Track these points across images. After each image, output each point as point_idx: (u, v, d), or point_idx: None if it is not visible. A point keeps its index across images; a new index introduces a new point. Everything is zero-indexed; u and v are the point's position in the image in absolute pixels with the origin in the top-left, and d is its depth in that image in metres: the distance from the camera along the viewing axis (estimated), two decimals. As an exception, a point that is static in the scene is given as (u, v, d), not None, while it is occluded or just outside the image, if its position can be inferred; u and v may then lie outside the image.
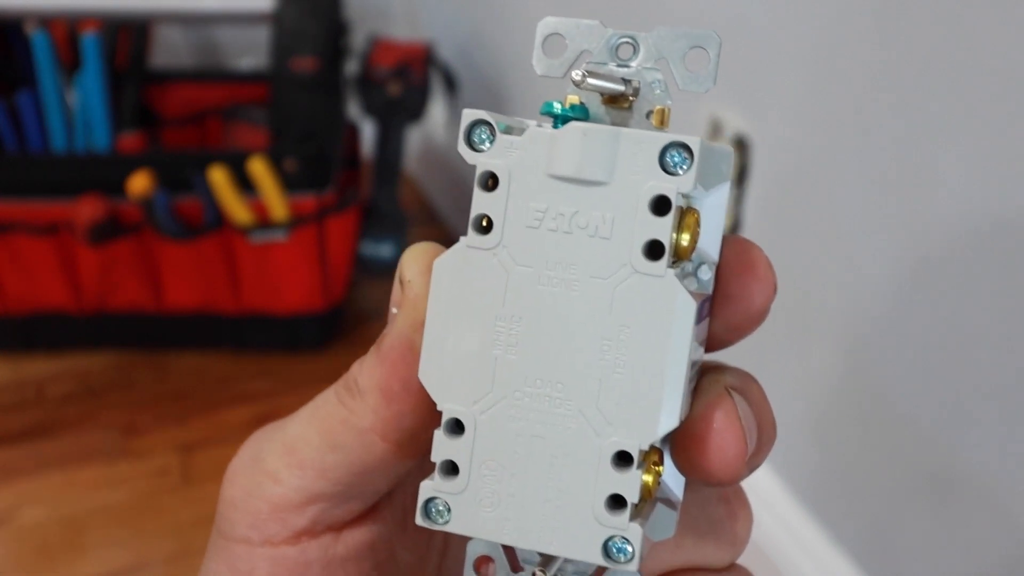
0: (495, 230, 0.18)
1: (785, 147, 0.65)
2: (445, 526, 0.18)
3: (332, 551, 0.21)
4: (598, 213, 0.18)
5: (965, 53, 0.50)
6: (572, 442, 0.18)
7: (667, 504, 0.21)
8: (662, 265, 0.17)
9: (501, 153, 0.18)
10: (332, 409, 0.20)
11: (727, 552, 0.21)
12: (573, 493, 0.18)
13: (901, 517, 0.59)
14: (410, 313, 0.19)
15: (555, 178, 0.18)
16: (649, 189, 0.17)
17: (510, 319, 0.18)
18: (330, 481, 0.20)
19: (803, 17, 0.61)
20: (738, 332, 0.20)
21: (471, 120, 0.18)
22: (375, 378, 0.19)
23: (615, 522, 0.18)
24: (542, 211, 0.18)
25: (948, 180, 0.52)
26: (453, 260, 0.18)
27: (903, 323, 0.57)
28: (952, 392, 0.54)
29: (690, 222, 0.18)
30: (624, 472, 0.18)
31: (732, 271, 0.20)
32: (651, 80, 0.19)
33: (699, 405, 0.19)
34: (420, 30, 1.35)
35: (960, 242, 0.52)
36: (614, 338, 0.18)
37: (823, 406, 0.65)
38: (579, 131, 0.18)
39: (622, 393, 0.18)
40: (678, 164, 0.17)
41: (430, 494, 0.18)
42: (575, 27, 0.19)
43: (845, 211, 0.60)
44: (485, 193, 0.18)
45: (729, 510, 0.21)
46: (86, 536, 0.81)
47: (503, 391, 0.18)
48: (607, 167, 0.18)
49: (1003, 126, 0.48)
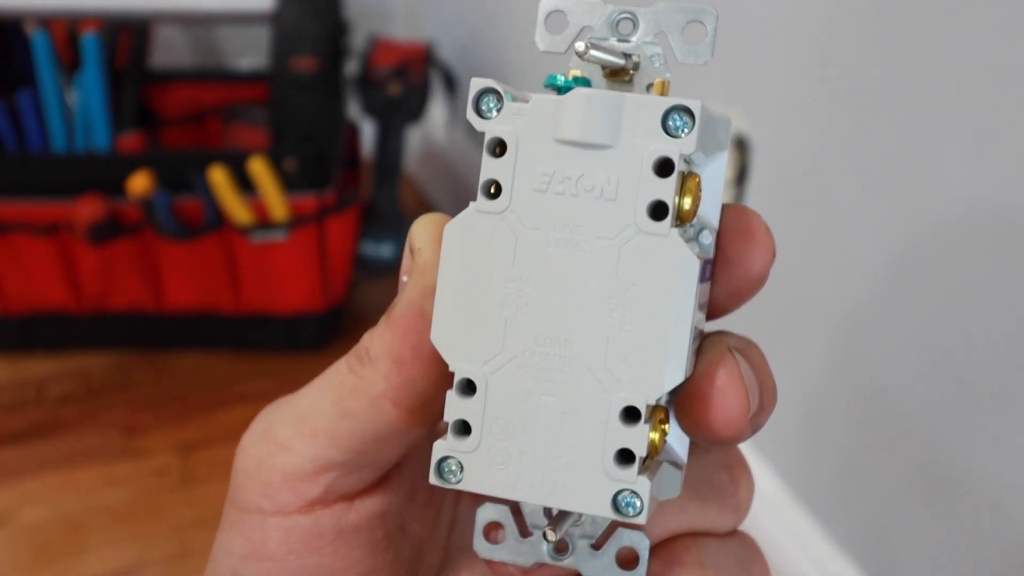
0: (503, 194, 0.18)
1: (785, 147, 0.65)
2: (458, 484, 0.19)
3: (344, 520, 0.21)
4: (603, 176, 0.18)
5: (964, 53, 0.50)
6: (581, 399, 0.18)
7: (672, 465, 0.21)
8: (666, 225, 0.18)
9: (508, 120, 0.18)
10: (343, 378, 0.20)
11: (730, 517, 0.22)
12: (582, 449, 0.18)
13: (900, 516, 0.59)
14: (420, 280, 0.19)
15: (561, 143, 0.18)
16: (652, 151, 0.18)
17: (519, 280, 0.18)
18: (342, 449, 0.20)
19: (803, 17, 0.61)
20: (738, 297, 0.20)
21: (480, 88, 0.19)
22: (386, 345, 0.20)
23: (624, 476, 0.18)
24: (549, 175, 0.18)
25: (946, 179, 0.52)
26: (463, 224, 0.19)
27: (902, 321, 0.57)
28: (951, 390, 0.54)
29: (692, 186, 0.18)
30: (632, 427, 0.18)
31: (732, 236, 0.20)
32: (651, 54, 0.20)
33: (702, 364, 0.19)
34: (420, 30, 1.35)
35: (958, 240, 0.52)
36: (620, 297, 0.18)
37: (822, 404, 0.65)
38: (584, 96, 0.18)
39: (629, 350, 0.18)
40: (680, 127, 0.18)
41: (443, 453, 0.19)
42: (576, 3, 0.20)
43: (844, 210, 0.60)
44: (493, 159, 0.19)
45: (732, 476, 0.22)
46: (86, 536, 0.81)
47: (513, 351, 0.19)
48: (611, 131, 0.18)
49: (1002, 126, 0.48)
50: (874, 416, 0.60)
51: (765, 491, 0.69)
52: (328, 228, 0.98)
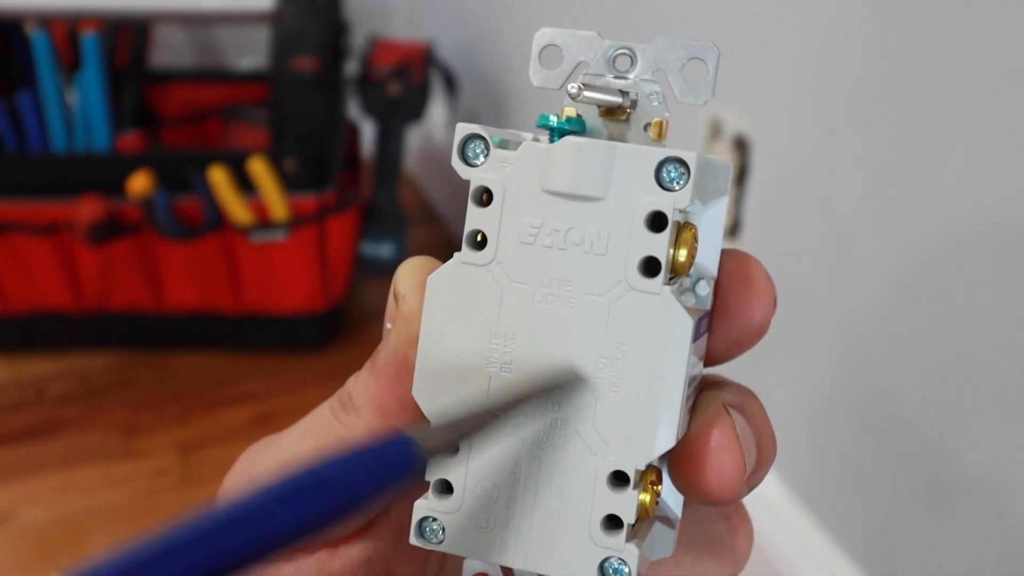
0: (489, 246, 0.18)
1: (785, 147, 0.65)
2: (439, 546, 0.18)
3: (327, 568, 0.21)
4: (593, 229, 0.17)
5: (964, 54, 0.50)
6: (568, 462, 0.18)
7: (665, 522, 0.20)
8: (658, 282, 0.17)
9: (495, 168, 0.18)
10: (327, 424, 0.20)
11: (727, 569, 0.21)
12: (569, 513, 0.18)
13: (901, 517, 0.59)
14: (404, 329, 0.19)
15: (550, 193, 0.18)
16: (645, 205, 0.17)
17: (504, 336, 0.18)
18: None
19: (803, 18, 0.61)
20: (738, 347, 0.20)
21: (465, 134, 0.18)
22: (370, 394, 0.19)
23: (611, 543, 0.17)
24: (537, 227, 0.18)
25: (948, 180, 0.52)
26: (447, 276, 0.18)
27: (903, 323, 0.57)
28: (952, 392, 0.54)
29: (687, 237, 0.18)
30: (621, 492, 0.17)
31: (731, 286, 0.19)
32: (649, 92, 0.19)
33: (696, 423, 0.18)
34: (420, 30, 1.35)
35: (960, 242, 0.52)
36: (610, 356, 0.17)
37: (823, 407, 0.65)
38: (574, 146, 0.17)
39: (619, 412, 0.17)
40: (675, 179, 0.17)
41: (424, 513, 0.18)
42: (572, 38, 0.19)
43: (845, 211, 0.60)
44: (479, 208, 0.18)
45: (729, 526, 0.21)
46: (86, 536, 0.81)
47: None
48: (602, 182, 0.17)
49: (1003, 126, 0.48)
50: (877, 419, 0.60)
51: (768, 494, 0.69)
52: (328, 228, 0.98)
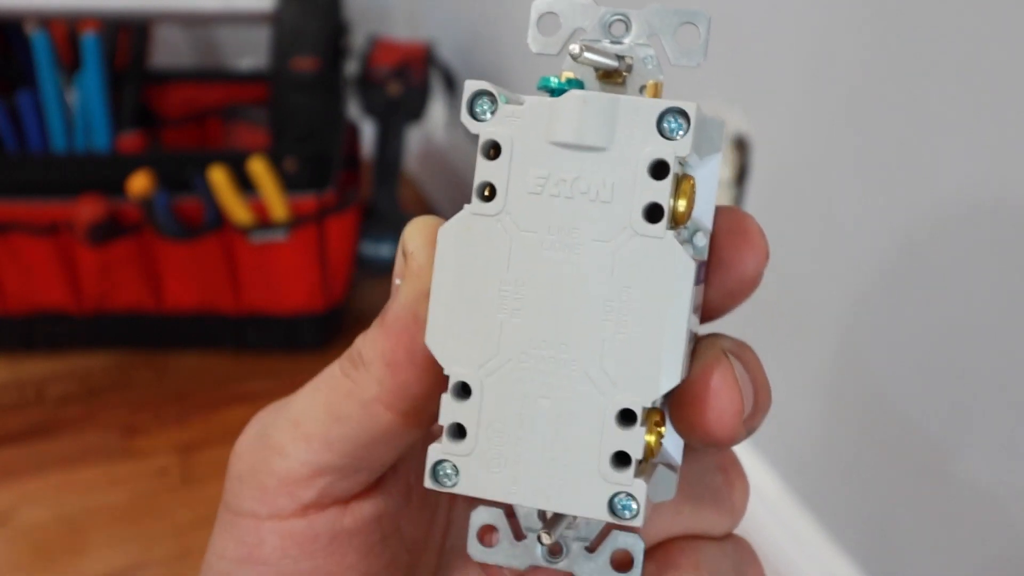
0: (498, 197, 0.18)
1: (785, 147, 0.65)
2: (453, 488, 0.19)
3: (339, 524, 0.21)
4: (599, 178, 0.18)
5: (964, 53, 0.50)
6: (577, 402, 0.18)
7: (667, 467, 0.21)
8: (661, 227, 0.18)
9: (503, 122, 0.18)
10: (337, 382, 0.20)
11: (725, 520, 0.22)
12: (579, 452, 0.18)
13: (901, 517, 0.59)
14: (414, 284, 0.19)
15: (556, 145, 0.18)
16: (648, 154, 0.18)
17: (515, 284, 0.18)
18: (336, 453, 0.20)
19: (803, 18, 0.61)
20: (732, 299, 0.20)
21: (474, 91, 0.19)
22: (379, 349, 0.20)
23: (620, 478, 0.18)
24: (544, 177, 0.18)
25: (947, 180, 0.52)
26: (457, 227, 0.19)
27: (902, 321, 0.57)
28: (951, 390, 0.54)
29: (686, 188, 0.18)
30: (628, 430, 0.18)
31: (726, 238, 0.20)
32: (643, 56, 0.20)
33: (697, 367, 0.19)
34: (420, 30, 1.35)
35: (959, 241, 0.52)
36: (616, 299, 0.18)
37: (823, 405, 0.65)
38: (579, 98, 0.18)
39: (625, 353, 0.18)
40: (675, 129, 0.18)
41: (438, 456, 0.19)
42: (569, 5, 0.20)
43: (844, 210, 0.60)
44: (488, 161, 0.19)
45: (727, 479, 0.22)
46: (86, 536, 0.81)
47: (509, 354, 0.19)
48: (606, 133, 0.18)
49: (1001, 126, 0.48)
50: (876, 418, 0.60)
51: (766, 492, 0.69)
52: (328, 228, 0.98)
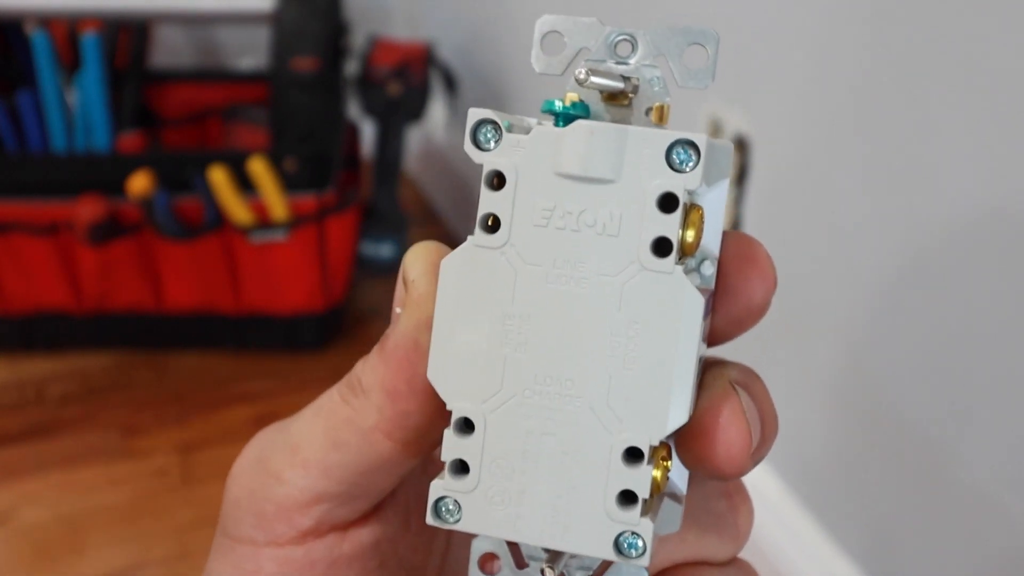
0: (503, 229, 0.18)
1: (785, 147, 0.65)
2: (456, 525, 0.19)
3: (338, 551, 0.21)
4: (605, 211, 0.18)
5: (964, 53, 0.50)
6: (583, 439, 0.18)
7: (672, 498, 0.21)
8: (670, 262, 0.18)
9: (507, 152, 0.18)
10: (336, 408, 0.20)
11: (730, 546, 0.22)
12: (584, 490, 0.18)
13: (901, 517, 0.59)
14: (414, 313, 0.19)
15: (562, 176, 0.18)
16: (656, 187, 0.18)
17: (519, 318, 0.18)
18: (334, 480, 0.20)
19: (803, 17, 0.61)
20: (739, 326, 0.20)
21: (477, 119, 0.18)
22: (379, 377, 0.19)
23: (626, 518, 0.18)
24: (549, 209, 0.18)
25: (947, 179, 0.52)
26: (461, 259, 0.18)
27: (903, 322, 0.57)
28: (953, 391, 0.54)
29: (695, 218, 0.18)
30: (635, 468, 0.18)
31: (733, 266, 0.20)
32: (650, 77, 0.19)
33: (704, 400, 0.19)
34: (420, 30, 1.35)
35: (960, 241, 0.52)
36: (623, 335, 0.18)
37: (823, 406, 0.65)
38: (586, 129, 0.18)
39: (632, 389, 0.18)
40: (684, 161, 0.17)
41: (440, 493, 0.18)
42: (573, 25, 0.20)
43: (845, 211, 0.60)
44: (492, 192, 0.18)
45: (731, 504, 0.22)
46: (86, 536, 0.81)
47: (513, 389, 0.18)
48: (614, 165, 0.18)
49: (1002, 125, 0.48)
50: (877, 418, 0.60)
51: (767, 493, 0.69)
52: (328, 228, 0.98)
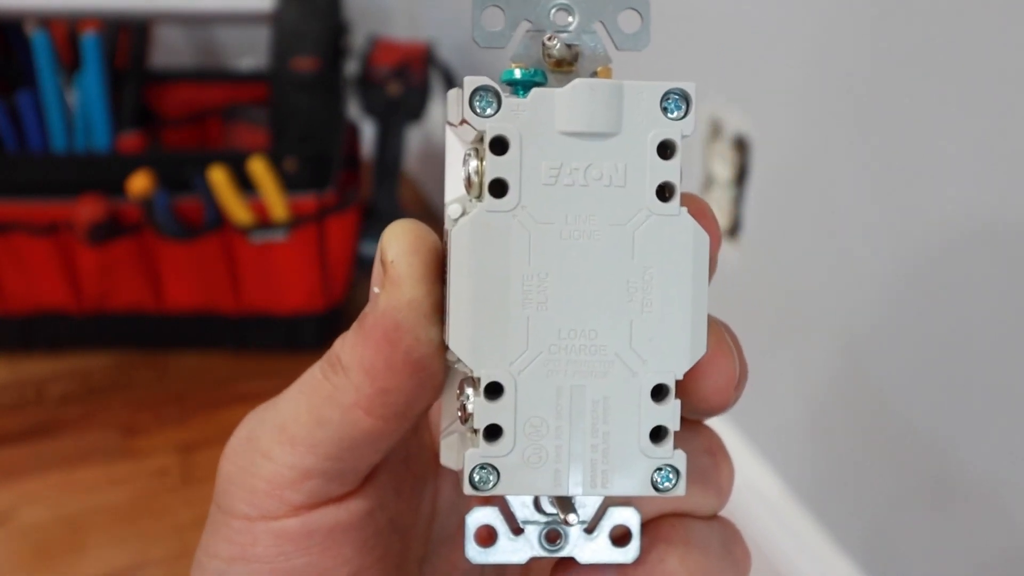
0: (511, 192, 0.18)
1: (785, 147, 0.65)
2: (494, 490, 0.19)
3: (333, 521, 0.21)
4: (610, 163, 0.19)
5: (964, 53, 0.50)
6: (612, 385, 0.19)
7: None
8: (675, 204, 0.19)
9: (508, 116, 0.18)
10: (317, 385, 0.20)
11: (713, 500, 0.22)
12: (619, 434, 0.19)
13: (902, 518, 0.59)
14: (394, 292, 0.19)
15: (566, 134, 0.18)
16: (655, 135, 0.19)
17: (537, 277, 0.19)
18: (320, 456, 0.20)
19: (803, 17, 0.61)
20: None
21: (474, 87, 0.19)
22: (357, 356, 0.20)
23: (660, 452, 0.19)
24: (556, 168, 0.18)
25: (947, 180, 0.52)
26: (473, 226, 0.19)
27: (903, 323, 0.57)
28: (952, 392, 0.54)
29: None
30: (663, 404, 0.19)
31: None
32: (592, 44, 0.20)
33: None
34: (420, 30, 1.35)
35: (960, 242, 0.52)
36: (640, 280, 0.19)
37: (823, 406, 0.65)
38: (587, 86, 0.18)
39: (654, 330, 0.19)
40: (677, 108, 0.19)
41: (477, 461, 0.19)
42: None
43: (845, 211, 0.60)
44: (497, 157, 0.18)
45: (714, 461, 0.22)
46: (86, 536, 0.81)
47: (539, 348, 0.19)
48: (615, 118, 0.18)
49: (1002, 126, 0.48)
50: (877, 418, 0.60)
51: (766, 492, 0.69)
52: (328, 228, 0.98)
